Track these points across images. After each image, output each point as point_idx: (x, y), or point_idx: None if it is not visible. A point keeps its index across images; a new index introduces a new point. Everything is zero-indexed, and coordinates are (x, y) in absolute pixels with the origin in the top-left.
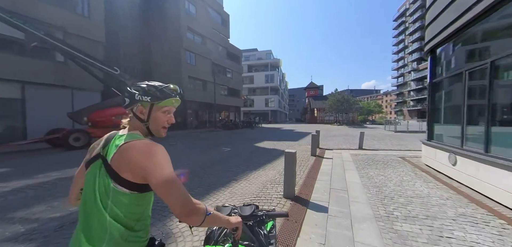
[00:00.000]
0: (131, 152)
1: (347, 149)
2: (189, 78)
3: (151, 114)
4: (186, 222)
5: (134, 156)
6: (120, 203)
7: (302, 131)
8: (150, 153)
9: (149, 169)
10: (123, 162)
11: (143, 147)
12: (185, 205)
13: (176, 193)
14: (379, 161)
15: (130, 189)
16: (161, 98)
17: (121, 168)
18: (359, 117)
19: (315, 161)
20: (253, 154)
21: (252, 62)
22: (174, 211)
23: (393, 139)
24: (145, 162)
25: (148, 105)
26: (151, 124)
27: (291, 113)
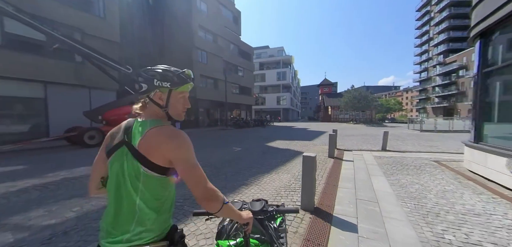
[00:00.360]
0: (159, 137)
1: (368, 150)
2: (201, 77)
3: (170, 99)
4: (206, 207)
5: (163, 141)
6: (150, 186)
7: (316, 129)
8: (177, 138)
9: (176, 153)
10: (151, 146)
11: (170, 132)
12: (206, 190)
13: (199, 178)
14: (409, 164)
15: (159, 173)
16: (179, 84)
17: (150, 153)
18: (377, 115)
19: (334, 163)
20: (265, 155)
21: (263, 59)
22: (196, 194)
23: (420, 139)
24: (172, 146)
25: (166, 91)
26: (171, 109)
27: (304, 111)
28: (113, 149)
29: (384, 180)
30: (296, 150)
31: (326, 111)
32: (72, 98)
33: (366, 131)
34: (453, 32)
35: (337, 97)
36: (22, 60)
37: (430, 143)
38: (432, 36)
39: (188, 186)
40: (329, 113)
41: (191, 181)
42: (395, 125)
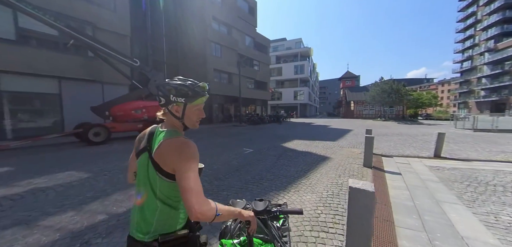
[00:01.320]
0: (168, 149)
1: (416, 157)
2: (215, 71)
3: (185, 112)
4: (198, 219)
5: (171, 153)
6: (165, 189)
7: (339, 127)
8: (181, 151)
9: (177, 164)
10: (162, 157)
11: (178, 146)
12: (197, 204)
13: (192, 192)
14: (491, 182)
15: (171, 179)
16: (194, 98)
17: (162, 162)
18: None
19: (375, 177)
20: (281, 160)
21: (280, 52)
22: (186, 205)
23: (478, 141)
24: (176, 158)
25: (182, 105)
26: (186, 120)
27: (322, 106)
28: (140, 152)
29: (467, 213)
30: (319, 154)
31: (348, 107)
32: (86, 93)
33: (400, 129)
34: (510, 11)
35: (361, 92)
36: (36, 56)
37: (498, 147)
38: (480, 18)
39: (181, 193)
40: (351, 108)
41: (184, 192)
42: (434, 122)
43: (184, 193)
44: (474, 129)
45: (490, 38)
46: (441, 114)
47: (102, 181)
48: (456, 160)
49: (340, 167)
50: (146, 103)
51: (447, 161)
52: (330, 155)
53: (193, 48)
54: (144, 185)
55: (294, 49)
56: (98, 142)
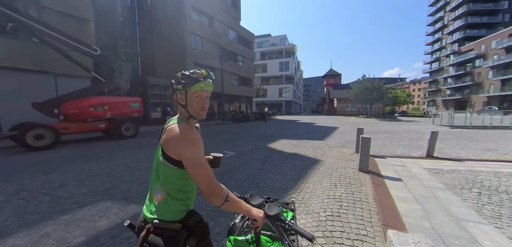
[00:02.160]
0: (170, 134)
1: (409, 157)
2: (195, 65)
3: (187, 99)
4: (209, 200)
5: (172, 137)
6: (165, 174)
7: (324, 124)
8: (184, 135)
9: (182, 149)
10: (167, 141)
11: (179, 130)
12: (209, 185)
13: (202, 173)
14: (501, 189)
15: (173, 164)
16: (190, 84)
17: (166, 146)
18: (386, 108)
19: (374, 184)
20: (266, 165)
21: (265, 49)
22: (200, 187)
23: (459, 138)
24: (179, 142)
25: (183, 92)
26: (189, 108)
27: (306, 104)
28: (159, 139)
29: (501, 238)
30: (308, 156)
31: (331, 104)
32: (32, 87)
33: (383, 126)
34: (471, 17)
35: (343, 89)
36: None
37: (480, 144)
38: (446, 23)
39: (193, 179)
40: (335, 106)
41: (195, 175)
42: (410, 119)
43: (195, 174)
44: (451, 125)
45: (455, 42)
46: (415, 112)
47: (7, 209)
48: (449, 160)
49: (334, 173)
50: (110, 99)
51: (441, 161)
52: (320, 157)
53: (171, 39)
54: (154, 169)
55: (279, 45)
56: (42, 147)
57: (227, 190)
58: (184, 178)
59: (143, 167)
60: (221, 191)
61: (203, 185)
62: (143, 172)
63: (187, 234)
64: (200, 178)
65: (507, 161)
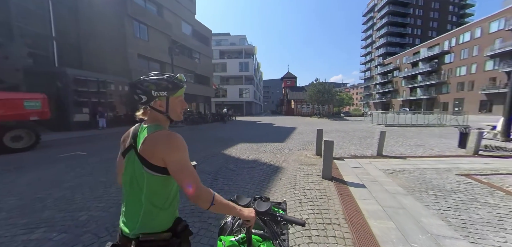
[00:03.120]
0: (155, 141)
1: (362, 157)
2: (140, 58)
3: (169, 105)
4: (195, 203)
5: (158, 145)
6: (151, 184)
7: (284, 125)
8: (169, 142)
9: (167, 154)
10: (150, 150)
11: (164, 137)
12: (195, 188)
13: (187, 177)
14: (443, 187)
15: (159, 173)
16: (175, 90)
17: (149, 155)
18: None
19: (342, 198)
20: (219, 180)
21: (224, 47)
22: (186, 191)
23: (394, 135)
24: (164, 149)
25: (165, 98)
26: (171, 113)
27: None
28: (125, 151)
29: None
30: (269, 164)
31: (289, 105)
32: None
33: (334, 126)
34: (390, 37)
35: (299, 91)
36: None
37: (411, 140)
38: (374, 40)
39: (178, 183)
40: (292, 107)
41: (182, 180)
42: (353, 118)
43: (181, 180)
44: (385, 124)
45: (380, 56)
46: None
47: None
48: (395, 158)
49: (297, 184)
50: None
51: (390, 160)
52: (281, 163)
53: (105, 24)
54: (130, 182)
55: (238, 45)
56: None
57: (213, 192)
58: (170, 185)
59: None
60: (207, 194)
61: (190, 189)
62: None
63: (179, 241)
64: (187, 181)
65: (437, 156)
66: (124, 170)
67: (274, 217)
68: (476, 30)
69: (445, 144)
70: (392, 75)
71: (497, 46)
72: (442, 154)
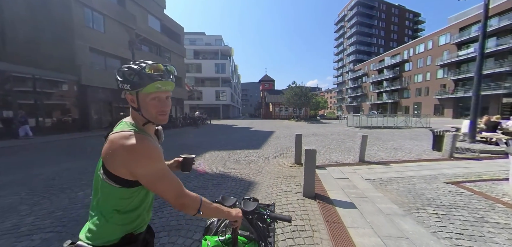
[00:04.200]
0: (114, 146)
1: (344, 165)
2: (93, 52)
3: (139, 102)
4: (181, 210)
5: (118, 150)
6: (104, 192)
7: (261, 129)
8: (135, 148)
9: (136, 166)
10: (108, 154)
11: (128, 142)
12: (178, 198)
13: (168, 187)
14: (433, 200)
15: (116, 183)
16: (142, 85)
17: (109, 161)
18: (311, 112)
19: (330, 226)
20: (165, 207)
21: (199, 47)
22: (169, 202)
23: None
24: (130, 157)
25: (134, 93)
26: (144, 112)
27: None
28: None
29: None
30: (240, 178)
31: (267, 108)
32: None
33: (312, 129)
34: (359, 45)
35: (277, 94)
36: None
37: (387, 144)
38: (345, 47)
39: (157, 193)
40: (270, 110)
41: (158, 191)
42: (329, 121)
43: (158, 189)
44: (360, 127)
45: (351, 62)
46: (331, 115)
47: None
48: (378, 164)
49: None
50: None
51: (373, 166)
52: (255, 175)
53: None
54: (94, 183)
55: (214, 46)
56: None
57: (200, 197)
58: (127, 198)
59: None
60: (193, 201)
61: (172, 199)
62: None
63: None
64: (166, 193)
65: (417, 161)
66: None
67: (261, 216)
68: (429, 42)
69: (419, 146)
70: (361, 80)
71: (445, 57)
72: (421, 158)
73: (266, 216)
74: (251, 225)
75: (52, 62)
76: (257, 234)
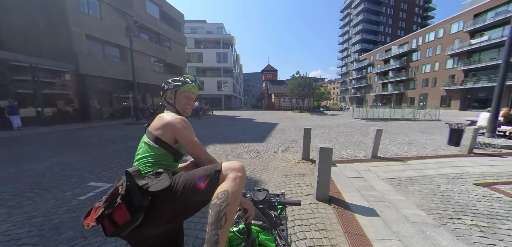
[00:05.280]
0: (164, 118)
1: (358, 161)
2: (90, 40)
3: (176, 98)
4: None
5: (167, 120)
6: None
7: (264, 120)
8: (180, 120)
9: (179, 131)
10: (156, 124)
11: (173, 115)
12: (209, 160)
13: (202, 151)
14: (471, 207)
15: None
16: (180, 86)
17: (155, 129)
18: (314, 103)
19: (350, 238)
20: None
21: (200, 36)
22: (202, 163)
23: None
24: (176, 126)
25: (173, 92)
26: (177, 105)
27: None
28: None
29: None
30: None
31: (269, 99)
32: None
33: (317, 121)
34: (365, 34)
35: (280, 85)
36: None
37: (397, 137)
38: (351, 36)
39: (193, 157)
40: (273, 101)
41: (195, 153)
42: (332, 113)
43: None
44: (366, 119)
45: (356, 52)
46: (334, 106)
47: None
48: (393, 161)
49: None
50: None
51: (388, 163)
52: (260, 173)
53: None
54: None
55: (215, 34)
56: None
57: None
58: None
59: None
60: (218, 163)
61: (204, 160)
62: None
63: None
64: (202, 153)
65: (435, 157)
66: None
67: (271, 203)
68: (440, 30)
69: (432, 140)
70: (366, 71)
71: (456, 46)
72: (438, 154)
73: (276, 202)
74: (263, 214)
75: (49, 51)
76: (270, 222)
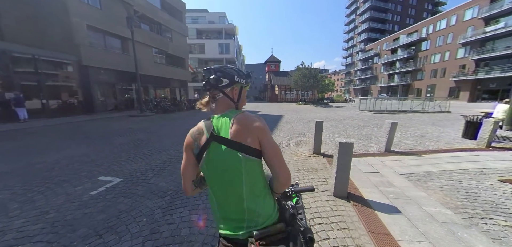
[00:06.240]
0: (246, 120)
1: (371, 155)
2: (91, 30)
3: (241, 95)
4: (283, 187)
5: (250, 123)
6: (251, 171)
7: (268, 113)
8: (259, 120)
9: (262, 132)
10: (242, 130)
11: (253, 116)
12: (288, 173)
13: (282, 159)
14: (500, 205)
15: (255, 156)
16: (247, 83)
17: (243, 137)
18: (319, 95)
19: (376, 237)
20: (174, 211)
21: (201, 26)
22: (281, 176)
23: None
24: (258, 126)
25: (239, 87)
26: (241, 103)
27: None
28: (202, 149)
29: None
30: None
31: (273, 91)
32: None
33: (323, 113)
34: (372, 23)
35: (283, 76)
36: None
37: (408, 129)
38: (357, 25)
39: (272, 165)
40: (276, 92)
41: (276, 161)
42: (338, 105)
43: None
44: (373, 111)
45: (362, 41)
46: (339, 98)
47: None
48: (408, 155)
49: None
50: None
51: (403, 157)
52: None
53: None
54: (220, 178)
55: (217, 24)
56: None
57: None
58: (262, 170)
59: None
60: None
61: (285, 172)
62: None
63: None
64: (283, 163)
65: (450, 151)
66: (209, 171)
67: (285, 194)
68: (452, 17)
69: (446, 133)
70: (372, 61)
71: (469, 34)
72: (453, 147)
73: (290, 192)
74: (279, 205)
75: (51, 43)
76: (288, 213)
